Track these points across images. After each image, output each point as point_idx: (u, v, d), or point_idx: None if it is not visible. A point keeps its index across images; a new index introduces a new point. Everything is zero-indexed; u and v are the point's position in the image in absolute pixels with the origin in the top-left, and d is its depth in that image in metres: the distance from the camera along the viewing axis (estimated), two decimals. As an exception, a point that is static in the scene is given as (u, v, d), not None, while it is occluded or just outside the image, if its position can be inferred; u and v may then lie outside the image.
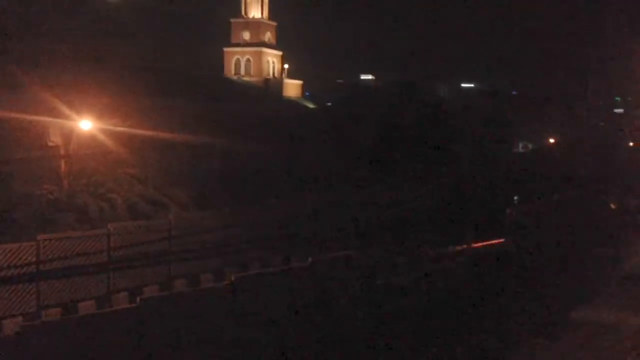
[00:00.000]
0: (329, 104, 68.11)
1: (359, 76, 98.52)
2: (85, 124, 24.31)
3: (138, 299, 14.50)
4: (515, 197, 32.56)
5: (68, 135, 24.40)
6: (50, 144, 25.30)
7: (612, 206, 34.33)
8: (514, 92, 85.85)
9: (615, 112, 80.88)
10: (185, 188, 27.81)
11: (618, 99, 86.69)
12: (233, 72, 79.03)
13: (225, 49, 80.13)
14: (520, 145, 63.27)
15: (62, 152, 24.31)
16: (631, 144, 61.00)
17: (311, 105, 74.01)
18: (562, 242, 28.62)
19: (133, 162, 27.13)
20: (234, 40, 79.94)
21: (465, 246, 24.12)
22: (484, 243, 24.59)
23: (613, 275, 31.22)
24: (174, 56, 62.71)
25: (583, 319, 23.71)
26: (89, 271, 17.65)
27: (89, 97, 25.66)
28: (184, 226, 20.42)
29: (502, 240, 25.60)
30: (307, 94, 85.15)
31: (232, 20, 79.97)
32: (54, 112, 24.58)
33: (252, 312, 15.97)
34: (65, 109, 24.38)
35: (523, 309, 23.89)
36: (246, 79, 77.28)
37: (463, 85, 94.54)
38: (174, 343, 14.39)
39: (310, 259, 17.88)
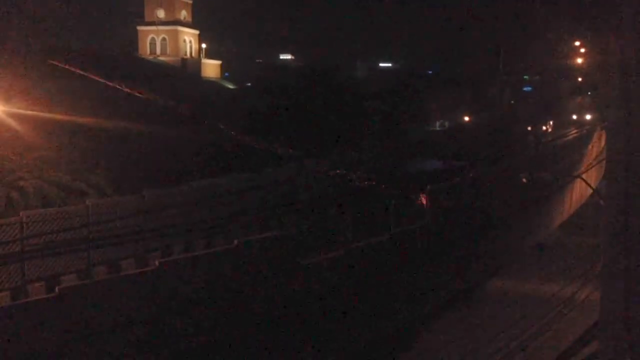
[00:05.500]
0: (249, 84, 67.44)
1: (278, 56, 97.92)
2: (-9, 108, 22.97)
3: (57, 289, 13.97)
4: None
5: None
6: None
7: (524, 180, 35.88)
8: (429, 72, 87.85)
9: (524, 90, 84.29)
10: (102, 172, 26.81)
11: (526, 77, 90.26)
12: (148, 51, 76.72)
13: (139, 28, 77.58)
14: (438, 123, 65.00)
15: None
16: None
17: (231, 86, 73.07)
18: (477, 216, 29.71)
19: (45, 146, 25.84)
20: (148, 19, 77.47)
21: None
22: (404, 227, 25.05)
23: (524, 246, 32.85)
24: (86, 36, 60.06)
25: (498, 290, 24.88)
26: (0, 262, 16.79)
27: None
28: (102, 212, 19.74)
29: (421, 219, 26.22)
30: (226, 74, 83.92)
31: (145, -3, 77.38)
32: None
33: (176, 297, 15.73)
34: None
35: (442, 282, 24.73)
36: (162, 58, 75.24)
37: (381, 65, 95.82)
38: (92, 332, 13.99)
39: (235, 241, 17.74)
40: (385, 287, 21.72)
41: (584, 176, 37.97)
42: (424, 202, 26.47)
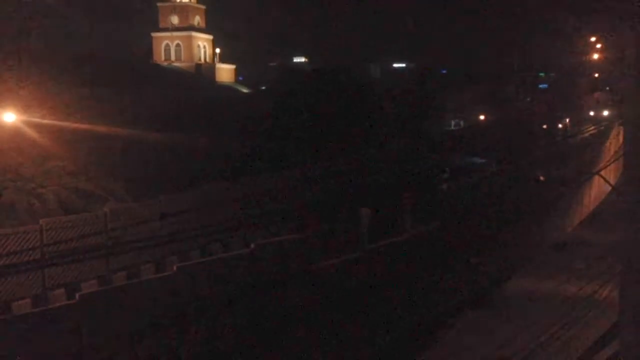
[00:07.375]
0: (263, 87, 67.65)
1: (292, 59, 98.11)
2: (9, 117, 23.21)
3: (77, 295, 14.12)
4: (445, 173, 32.83)
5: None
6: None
7: (541, 178, 35.63)
8: (443, 71, 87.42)
9: (540, 88, 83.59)
10: (119, 179, 27.06)
11: (542, 74, 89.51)
12: (163, 57, 77.31)
13: (154, 34, 78.19)
14: (453, 122, 64.69)
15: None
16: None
17: (245, 90, 73.37)
18: (493, 215, 29.51)
19: (63, 154, 26.14)
20: (162, 25, 78.06)
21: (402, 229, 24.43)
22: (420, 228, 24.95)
23: (542, 245, 32.57)
24: (102, 42, 60.68)
25: (518, 290, 24.69)
26: (21, 269, 16.99)
27: (11, 88, 24.49)
28: (120, 218, 19.92)
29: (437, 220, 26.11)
30: (240, 78, 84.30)
31: (159, 4, 77.98)
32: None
33: (194, 301, 15.83)
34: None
35: (461, 283, 24.60)
36: (177, 64, 75.76)
37: (395, 65, 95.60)
38: (112, 338, 14.12)
39: (252, 245, 17.82)
40: (403, 289, 21.67)
41: (602, 173, 37.59)
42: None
